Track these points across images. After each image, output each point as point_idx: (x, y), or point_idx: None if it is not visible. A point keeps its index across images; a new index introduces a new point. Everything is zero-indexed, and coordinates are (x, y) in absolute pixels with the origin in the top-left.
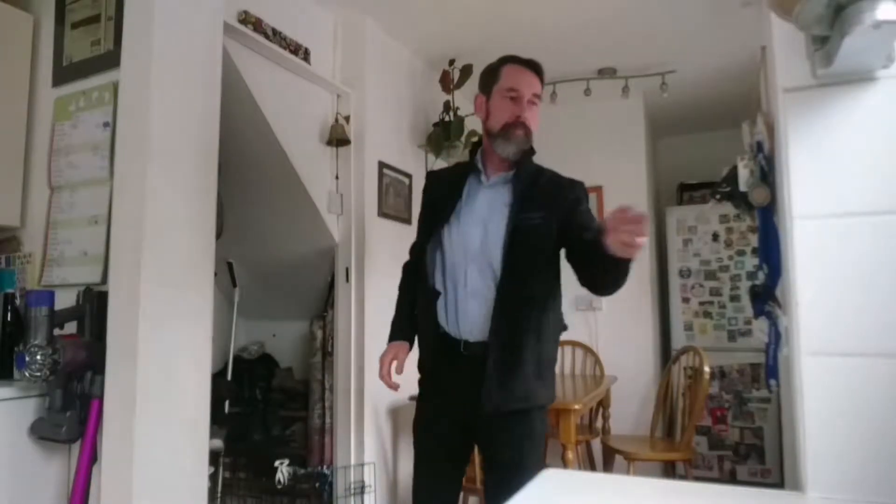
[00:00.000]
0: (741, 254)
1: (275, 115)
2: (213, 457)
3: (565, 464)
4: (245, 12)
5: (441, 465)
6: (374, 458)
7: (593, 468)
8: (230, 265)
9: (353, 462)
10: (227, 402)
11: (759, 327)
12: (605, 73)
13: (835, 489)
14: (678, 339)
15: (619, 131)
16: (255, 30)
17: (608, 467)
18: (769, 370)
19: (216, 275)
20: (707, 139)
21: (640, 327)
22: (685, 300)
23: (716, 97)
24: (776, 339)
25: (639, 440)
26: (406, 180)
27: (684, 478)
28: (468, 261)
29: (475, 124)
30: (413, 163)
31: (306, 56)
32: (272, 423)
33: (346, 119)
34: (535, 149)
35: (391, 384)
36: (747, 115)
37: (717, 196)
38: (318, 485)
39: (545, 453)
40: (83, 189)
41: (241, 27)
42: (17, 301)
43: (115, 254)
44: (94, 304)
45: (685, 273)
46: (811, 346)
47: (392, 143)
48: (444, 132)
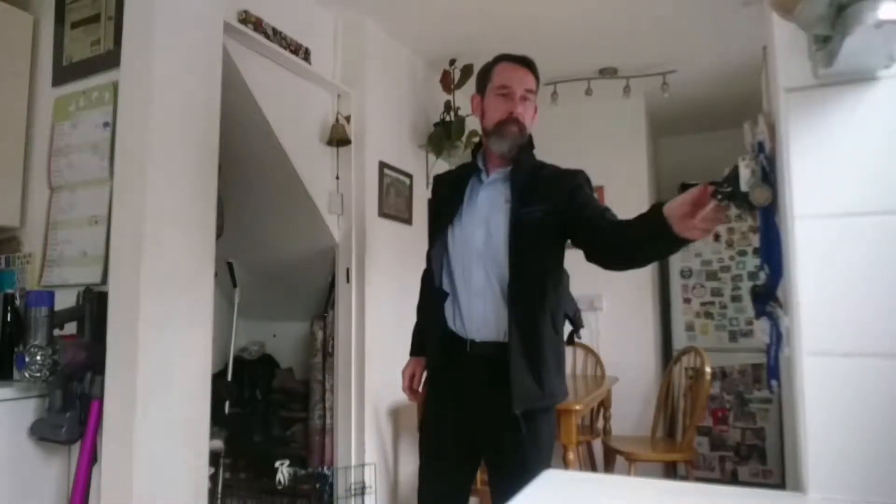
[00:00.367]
0: (742, 254)
1: (275, 115)
2: (214, 457)
3: (566, 464)
4: (245, 12)
5: (447, 466)
6: (374, 459)
7: (594, 469)
8: (230, 265)
9: (353, 463)
10: (228, 403)
11: (761, 328)
12: (606, 72)
13: (836, 490)
14: (679, 340)
15: (620, 131)
16: (256, 29)
17: (609, 468)
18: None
19: (216, 275)
20: (708, 139)
21: (641, 328)
22: (686, 300)
23: (717, 97)
24: (777, 339)
25: (640, 441)
26: (407, 180)
27: (685, 478)
28: (472, 260)
29: (476, 124)
30: (414, 163)
31: (307, 56)
32: (272, 424)
33: (347, 119)
34: (536, 149)
35: (413, 397)
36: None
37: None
38: (318, 485)
39: (550, 456)
40: (83, 189)
41: (242, 27)
42: (17, 301)
43: (115, 254)
44: (93, 305)
45: (686, 273)
46: (812, 347)
47: (393, 143)
48: (444, 132)
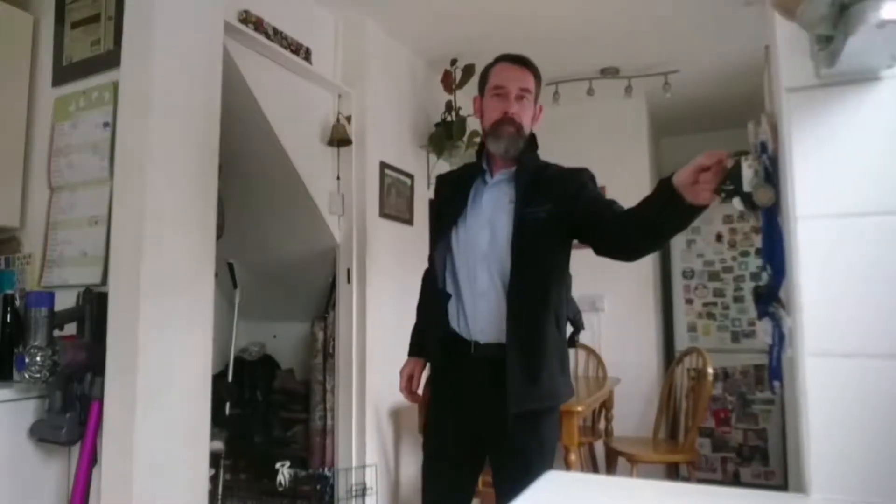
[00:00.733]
0: (745, 255)
1: (276, 115)
2: (214, 458)
3: (568, 466)
4: (246, 12)
5: (450, 467)
6: (375, 460)
7: (596, 470)
8: (231, 266)
9: (354, 464)
10: (228, 404)
11: (763, 328)
12: (608, 72)
13: (839, 491)
14: (681, 341)
15: (622, 131)
16: (256, 29)
17: (611, 469)
18: (773, 371)
19: (217, 276)
20: (710, 139)
21: (643, 328)
22: (688, 301)
23: (719, 97)
24: (780, 340)
25: (642, 442)
26: (408, 181)
27: (687, 480)
28: (476, 261)
29: (477, 124)
30: (415, 163)
31: (307, 56)
32: (273, 425)
33: (348, 119)
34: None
35: (411, 398)
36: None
37: (723, 194)
38: (319, 487)
39: (553, 457)
40: (83, 189)
41: (242, 27)
42: (17, 302)
43: (115, 255)
44: (94, 306)
45: (688, 274)
46: (815, 348)
47: (393, 143)
48: (446, 132)
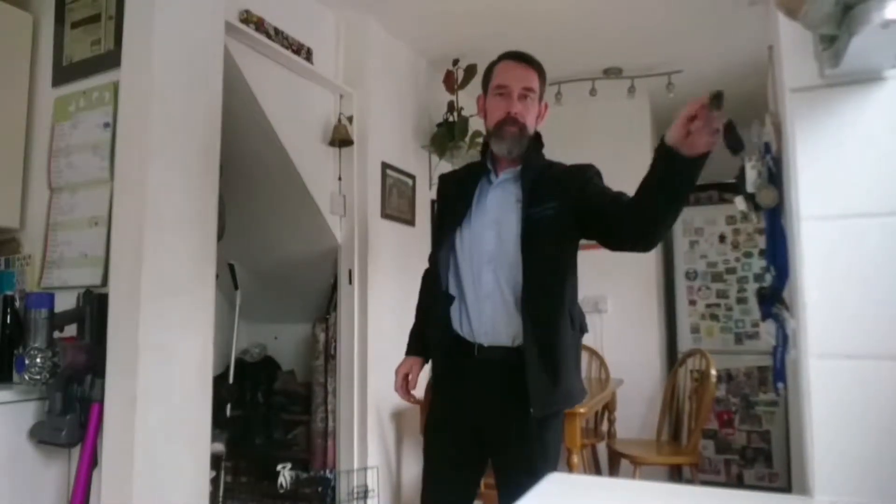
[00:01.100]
0: (748, 256)
1: (277, 116)
2: (215, 460)
3: (570, 468)
4: (247, 11)
5: (451, 470)
6: (377, 462)
7: (599, 472)
8: (232, 267)
9: (356, 466)
10: (229, 406)
11: (767, 330)
12: (611, 72)
13: (842, 493)
14: (684, 342)
15: (625, 131)
16: (257, 29)
17: (614, 471)
18: (776, 373)
19: (217, 277)
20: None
21: (645, 330)
22: (692, 302)
23: None
24: (783, 341)
25: (645, 444)
26: (409, 181)
27: (691, 482)
28: (482, 262)
29: (480, 124)
30: (417, 164)
31: (308, 56)
32: (274, 427)
33: (349, 119)
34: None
35: (406, 397)
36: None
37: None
38: (320, 489)
39: (557, 459)
40: (83, 190)
41: (243, 26)
42: (17, 303)
43: (116, 255)
44: (94, 307)
45: (692, 275)
46: (818, 349)
47: (395, 143)
48: (448, 133)
